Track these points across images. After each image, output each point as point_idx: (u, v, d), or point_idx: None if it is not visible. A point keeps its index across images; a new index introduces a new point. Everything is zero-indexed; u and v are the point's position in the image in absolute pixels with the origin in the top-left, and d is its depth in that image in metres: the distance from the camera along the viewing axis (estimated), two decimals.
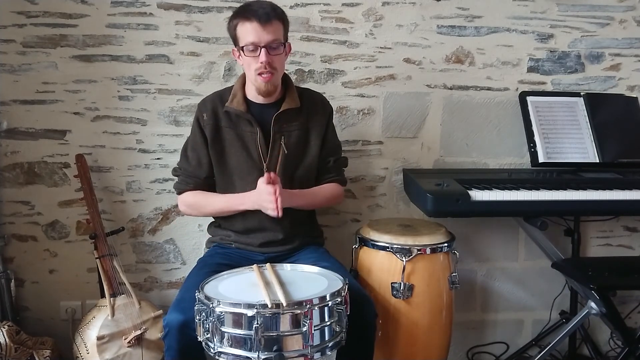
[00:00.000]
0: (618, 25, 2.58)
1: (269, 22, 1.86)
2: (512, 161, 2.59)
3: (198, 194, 2.07)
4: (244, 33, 1.88)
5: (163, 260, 2.48)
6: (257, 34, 1.86)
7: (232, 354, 1.55)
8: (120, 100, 2.38)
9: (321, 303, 1.56)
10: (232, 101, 2.01)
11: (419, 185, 2.12)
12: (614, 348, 2.62)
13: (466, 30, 2.51)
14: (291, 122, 2.03)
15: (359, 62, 2.47)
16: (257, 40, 1.86)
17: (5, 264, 2.34)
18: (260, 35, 1.86)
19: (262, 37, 1.86)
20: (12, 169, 2.37)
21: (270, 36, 1.87)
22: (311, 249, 2.10)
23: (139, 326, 2.19)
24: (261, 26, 1.85)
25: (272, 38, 1.87)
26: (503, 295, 2.64)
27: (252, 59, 1.89)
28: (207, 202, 2.06)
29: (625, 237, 2.69)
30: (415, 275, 2.06)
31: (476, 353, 2.64)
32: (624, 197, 2.11)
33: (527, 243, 2.60)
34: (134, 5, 2.34)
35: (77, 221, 2.41)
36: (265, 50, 1.86)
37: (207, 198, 2.06)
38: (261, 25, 1.85)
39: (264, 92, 1.95)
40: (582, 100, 2.47)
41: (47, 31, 2.32)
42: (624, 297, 2.65)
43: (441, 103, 2.53)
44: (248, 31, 1.87)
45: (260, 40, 1.86)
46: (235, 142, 2.02)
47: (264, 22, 1.85)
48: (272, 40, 1.87)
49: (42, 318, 2.43)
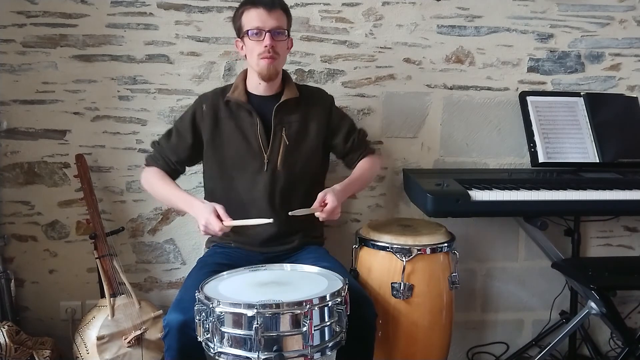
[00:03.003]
0: (618, 25, 2.58)
1: (274, 8, 1.95)
2: (512, 161, 2.59)
3: (159, 174, 2.08)
4: (249, 19, 1.95)
5: (163, 260, 2.48)
6: (262, 19, 1.93)
7: (232, 354, 1.54)
8: (120, 100, 2.38)
9: (321, 303, 1.56)
10: (233, 92, 2.05)
11: (419, 185, 2.12)
12: (614, 348, 2.62)
13: (466, 30, 2.51)
14: (291, 114, 2.06)
15: (358, 62, 2.47)
16: (262, 25, 1.93)
17: (5, 264, 2.34)
18: (265, 20, 1.93)
19: (267, 22, 1.93)
20: (12, 169, 2.37)
21: (275, 22, 1.94)
22: (311, 248, 2.10)
23: (139, 326, 2.19)
24: (266, 12, 1.93)
25: (276, 24, 1.94)
26: (503, 295, 2.64)
27: (256, 43, 1.95)
28: (162, 187, 2.05)
29: (625, 237, 2.69)
30: (415, 275, 2.06)
31: (476, 353, 2.64)
32: (624, 197, 2.11)
33: (527, 243, 2.60)
34: (133, 5, 2.34)
35: (77, 221, 2.41)
36: (269, 35, 1.93)
37: (162, 183, 2.06)
38: (266, 11, 1.93)
39: (266, 75, 1.98)
40: (582, 100, 2.47)
41: (47, 31, 2.32)
42: (624, 297, 2.65)
43: (441, 103, 2.53)
44: (253, 17, 1.94)
45: (265, 25, 1.93)
46: (235, 133, 2.04)
47: (269, 8, 1.94)
48: (276, 27, 1.94)
49: (42, 318, 2.43)
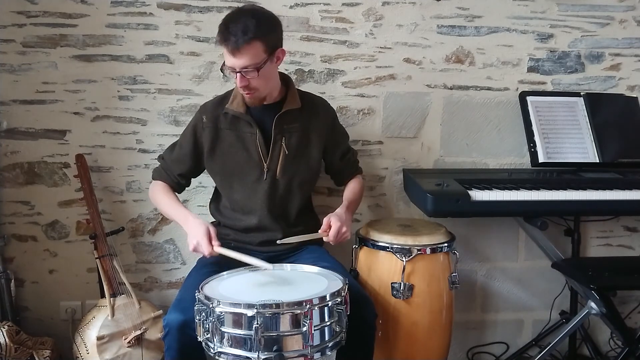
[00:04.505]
0: (618, 25, 2.58)
1: (239, 49, 1.80)
2: (512, 161, 2.59)
3: (163, 188, 2.10)
4: (224, 53, 1.86)
5: (163, 260, 2.48)
6: (230, 60, 1.83)
7: (232, 354, 1.54)
8: (120, 100, 2.38)
9: (321, 303, 1.56)
10: (232, 102, 2.02)
11: (419, 185, 2.12)
12: (614, 348, 2.62)
13: (466, 30, 2.51)
14: (292, 123, 2.03)
15: (359, 62, 2.47)
16: (232, 65, 1.84)
17: (5, 264, 2.34)
18: (233, 62, 1.83)
19: (235, 63, 1.83)
20: (12, 169, 2.37)
21: (242, 62, 1.82)
22: (311, 248, 2.10)
23: (139, 326, 2.19)
24: (232, 54, 1.82)
25: (243, 64, 1.82)
26: (503, 295, 2.64)
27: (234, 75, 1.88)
28: (163, 200, 2.08)
29: (625, 237, 2.69)
30: (415, 275, 2.06)
31: (476, 353, 2.64)
32: (624, 197, 2.11)
33: (527, 243, 2.60)
34: (133, 5, 2.34)
35: (77, 221, 2.41)
36: (240, 75, 1.85)
37: (164, 196, 2.08)
38: (231, 53, 1.82)
39: (251, 104, 1.98)
40: (582, 100, 2.47)
41: (47, 31, 2.32)
42: (624, 297, 2.65)
43: (441, 103, 2.53)
44: (225, 53, 1.85)
45: (234, 66, 1.84)
46: (235, 143, 2.03)
47: (234, 49, 1.81)
48: (244, 66, 1.82)
49: (42, 318, 2.43)
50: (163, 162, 2.14)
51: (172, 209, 2.04)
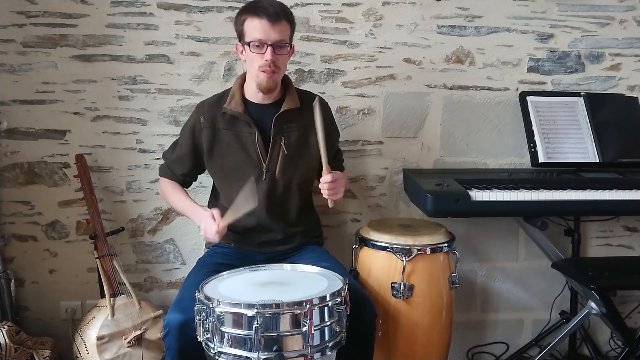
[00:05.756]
0: (618, 25, 2.58)
1: (279, 21, 1.87)
2: (512, 161, 2.59)
3: (170, 184, 2.14)
4: (252, 29, 1.88)
5: (163, 260, 2.48)
6: (265, 31, 1.86)
7: (232, 354, 1.54)
8: (120, 100, 2.38)
9: (321, 303, 1.56)
10: (230, 102, 2.01)
11: (419, 185, 2.12)
12: (614, 348, 2.62)
13: (466, 30, 2.51)
14: (291, 123, 2.03)
15: (359, 62, 2.47)
16: (265, 38, 1.86)
17: (5, 264, 2.34)
18: (268, 33, 1.86)
19: (269, 35, 1.86)
20: (12, 169, 2.37)
21: (278, 35, 1.87)
22: (311, 248, 2.10)
23: (139, 326, 2.19)
24: (270, 24, 1.85)
25: (279, 37, 1.87)
26: (503, 295, 2.64)
27: (256, 55, 1.89)
28: (172, 197, 2.14)
29: (625, 237, 2.69)
30: (415, 275, 2.06)
31: (476, 353, 2.64)
32: (624, 197, 2.11)
33: (527, 243, 2.60)
34: (133, 5, 2.34)
35: (77, 221, 2.41)
36: (271, 49, 1.87)
37: (173, 193, 2.13)
38: (270, 23, 1.85)
39: (265, 88, 1.95)
40: (582, 100, 2.47)
41: (47, 31, 2.32)
42: (624, 297, 2.65)
43: (441, 103, 2.53)
44: (256, 27, 1.87)
45: (268, 38, 1.86)
46: (233, 143, 2.02)
47: (273, 20, 1.85)
48: (279, 40, 1.88)
49: (42, 318, 2.43)
50: (166, 160, 2.16)
51: (180, 204, 2.10)
